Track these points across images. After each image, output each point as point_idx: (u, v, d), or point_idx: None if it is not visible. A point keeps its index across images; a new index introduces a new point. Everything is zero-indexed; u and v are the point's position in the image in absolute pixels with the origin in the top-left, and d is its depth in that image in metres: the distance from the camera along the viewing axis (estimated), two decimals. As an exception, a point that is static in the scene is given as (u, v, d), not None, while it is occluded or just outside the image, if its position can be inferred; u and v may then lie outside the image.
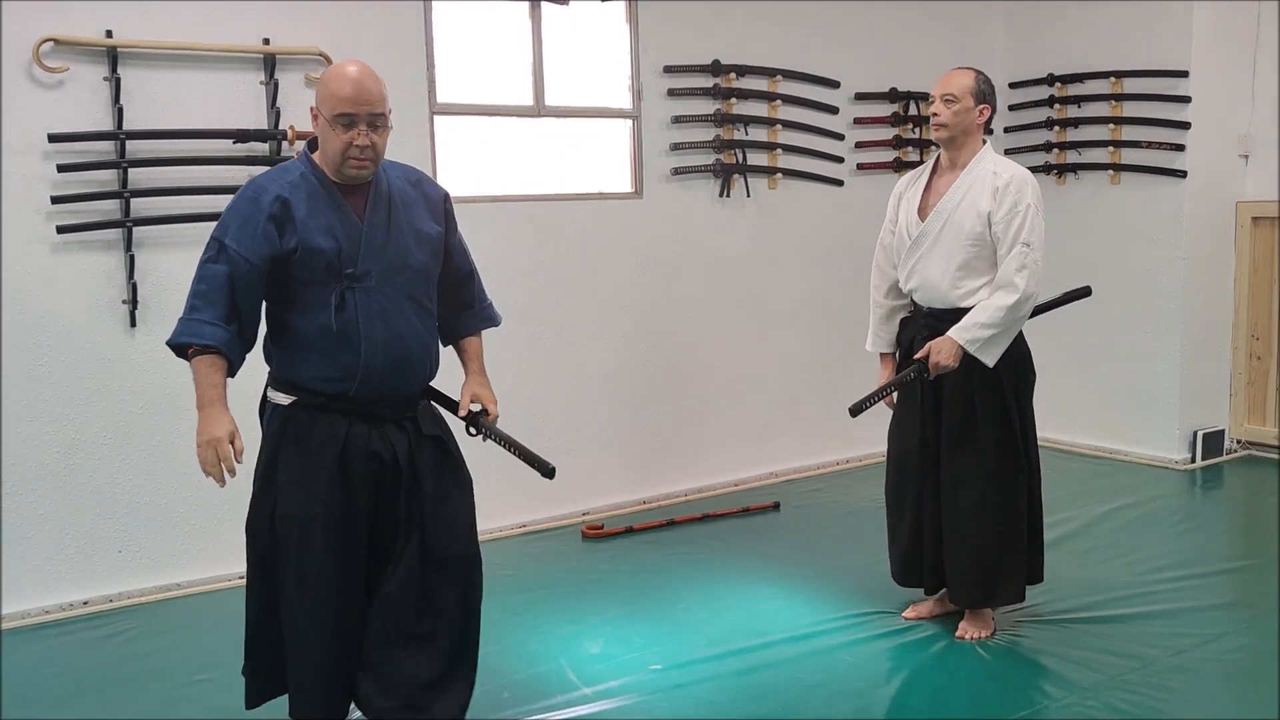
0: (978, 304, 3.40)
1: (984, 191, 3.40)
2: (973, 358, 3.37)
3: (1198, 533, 4.76)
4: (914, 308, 3.63)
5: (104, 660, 3.63)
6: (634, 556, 4.56)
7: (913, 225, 3.53)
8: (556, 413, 5.03)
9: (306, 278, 2.56)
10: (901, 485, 3.67)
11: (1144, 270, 5.81)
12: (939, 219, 3.46)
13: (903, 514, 3.67)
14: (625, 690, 3.30)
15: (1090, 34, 5.92)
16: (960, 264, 3.44)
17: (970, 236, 3.41)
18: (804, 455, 5.84)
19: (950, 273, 3.45)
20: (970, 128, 3.46)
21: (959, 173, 3.47)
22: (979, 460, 3.48)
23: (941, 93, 3.45)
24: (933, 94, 3.50)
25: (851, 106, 5.85)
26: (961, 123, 3.44)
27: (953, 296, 3.46)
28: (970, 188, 3.43)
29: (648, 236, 5.26)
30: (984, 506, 3.48)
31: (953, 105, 3.42)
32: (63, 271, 3.98)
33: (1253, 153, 5.81)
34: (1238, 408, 5.92)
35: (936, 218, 3.46)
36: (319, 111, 2.55)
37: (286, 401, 2.66)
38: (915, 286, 3.56)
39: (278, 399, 2.68)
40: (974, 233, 3.40)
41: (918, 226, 3.50)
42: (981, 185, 3.41)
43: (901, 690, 3.31)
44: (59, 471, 4.02)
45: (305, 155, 2.64)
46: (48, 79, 3.89)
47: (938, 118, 3.45)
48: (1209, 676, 3.31)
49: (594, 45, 5.14)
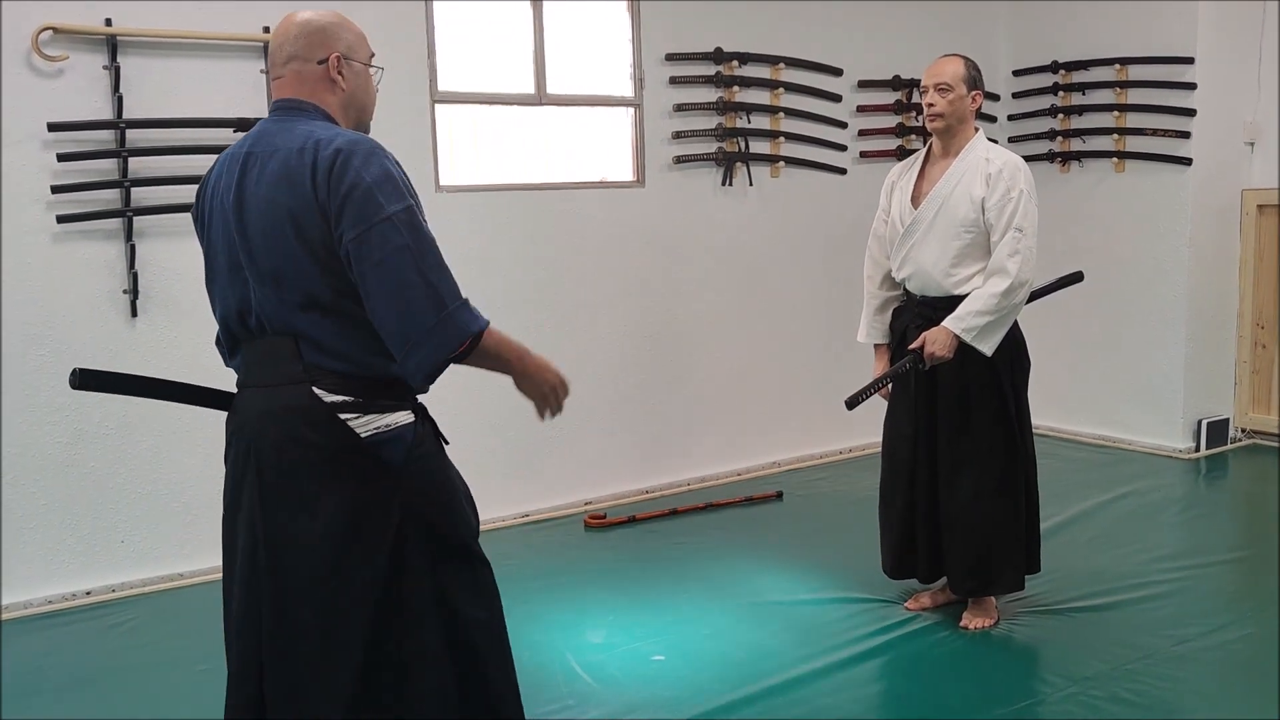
0: (971, 292, 3.39)
1: (977, 178, 3.39)
2: (967, 347, 3.36)
3: (1202, 522, 4.75)
4: (906, 296, 3.62)
5: (106, 650, 3.63)
6: (637, 546, 4.56)
7: (905, 213, 3.52)
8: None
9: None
10: (894, 475, 3.66)
11: (1149, 258, 5.78)
12: (932, 206, 3.45)
13: (894, 503, 3.66)
14: (628, 679, 3.30)
15: (1095, 21, 5.89)
16: (954, 251, 3.43)
17: (964, 223, 3.40)
18: (807, 444, 5.84)
19: (944, 260, 3.44)
20: (964, 115, 3.45)
21: (952, 160, 3.46)
22: (975, 448, 3.48)
23: (934, 82, 3.42)
24: (923, 83, 3.48)
25: (854, 94, 5.83)
26: (956, 110, 3.42)
27: (946, 284, 3.45)
28: (964, 175, 3.42)
29: (650, 225, 5.25)
30: (981, 494, 3.48)
31: (947, 94, 3.41)
32: (63, 261, 3.97)
33: (1258, 140, 5.78)
34: (1242, 396, 5.90)
35: (930, 205, 3.45)
36: (350, 59, 2.19)
37: (409, 418, 2.15)
38: (909, 275, 3.54)
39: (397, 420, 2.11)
40: (968, 219, 3.39)
41: (911, 214, 3.49)
42: (975, 172, 3.40)
43: (904, 679, 3.31)
44: (61, 462, 4.02)
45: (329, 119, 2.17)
46: (47, 68, 3.88)
47: (933, 107, 3.43)
48: (1212, 666, 3.30)
49: (596, 33, 5.12)
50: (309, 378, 2.05)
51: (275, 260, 2.03)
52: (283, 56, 2.19)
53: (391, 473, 2.08)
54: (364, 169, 1.98)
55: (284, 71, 2.18)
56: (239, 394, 2.21)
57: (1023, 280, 3.34)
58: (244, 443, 2.13)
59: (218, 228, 2.13)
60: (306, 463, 2.06)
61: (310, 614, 2.06)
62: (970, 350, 3.36)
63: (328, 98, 2.18)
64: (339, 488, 2.06)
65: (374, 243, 1.95)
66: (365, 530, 2.06)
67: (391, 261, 1.95)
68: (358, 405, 2.07)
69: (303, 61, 2.17)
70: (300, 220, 2.00)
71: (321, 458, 2.06)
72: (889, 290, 3.68)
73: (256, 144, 2.11)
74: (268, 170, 2.05)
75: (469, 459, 4.87)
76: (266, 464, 2.08)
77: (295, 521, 2.06)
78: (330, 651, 2.06)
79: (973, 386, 3.45)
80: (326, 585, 2.06)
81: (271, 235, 2.03)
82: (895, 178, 3.65)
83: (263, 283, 2.05)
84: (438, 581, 2.13)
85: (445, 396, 4.74)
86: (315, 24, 2.19)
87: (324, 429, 2.05)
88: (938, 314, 3.42)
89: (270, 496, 2.08)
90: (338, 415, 2.05)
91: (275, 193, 2.03)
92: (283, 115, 2.15)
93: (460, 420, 4.94)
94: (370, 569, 2.06)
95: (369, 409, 2.08)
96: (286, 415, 2.07)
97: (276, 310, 2.06)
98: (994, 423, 3.47)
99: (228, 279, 2.12)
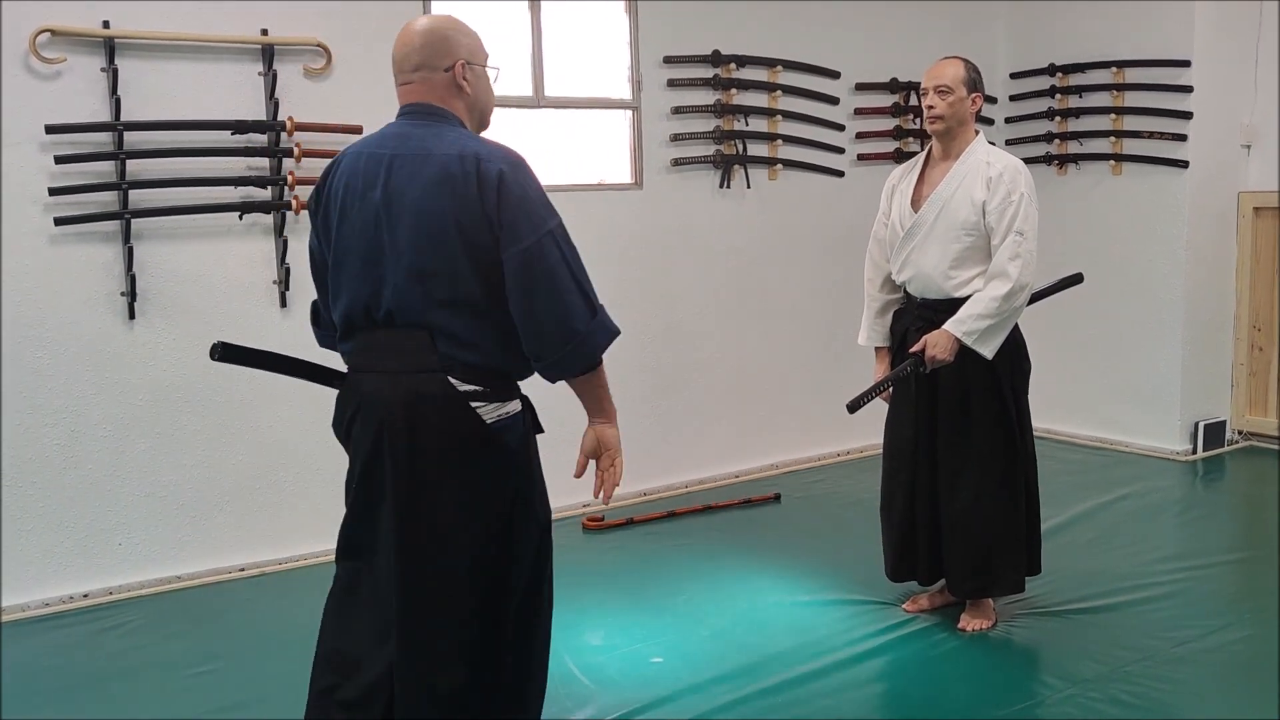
0: (972, 295, 3.39)
1: (978, 181, 3.39)
2: (968, 350, 3.36)
3: (1199, 524, 4.76)
4: (906, 299, 3.62)
5: (103, 653, 3.63)
6: (635, 548, 4.56)
7: (906, 216, 3.52)
8: (557, 404, 5.00)
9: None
10: (895, 477, 3.66)
11: (1145, 261, 5.79)
12: (933, 209, 3.45)
13: (895, 505, 3.67)
14: (627, 681, 3.30)
15: (1092, 23, 5.90)
16: (954, 254, 3.43)
17: (965, 226, 3.40)
18: (805, 446, 5.83)
19: (944, 263, 3.44)
20: (965, 117, 3.45)
21: (952, 163, 3.46)
22: (976, 451, 3.48)
23: (935, 84, 3.42)
24: (924, 85, 3.48)
25: (852, 97, 5.83)
26: (957, 113, 3.43)
27: (947, 287, 3.45)
28: (964, 177, 3.42)
29: (648, 227, 5.25)
30: (982, 496, 3.48)
31: (947, 96, 3.41)
32: (61, 264, 3.96)
33: (1255, 143, 5.79)
34: (1239, 398, 5.91)
35: (930, 208, 3.45)
36: (471, 62, 2.32)
37: (519, 407, 2.37)
38: (909, 277, 3.55)
39: (512, 408, 2.34)
40: (969, 222, 3.39)
41: (911, 217, 3.49)
42: (975, 175, 3.40)
43: (902, 681, 3.31)
44: (58, 464, 4.01)
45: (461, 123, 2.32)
46: (45, 70, 3.87)
47: (933, 110, 3.43)
48: (1211, 667, 3.31)
49: (594, 35, 5.13)
50: (443, 367, 2.22)
51: (428, 258, 2.19)
52: (410, 64, 2.31)
53: (508, 456, 2.29)
54: (527, 185, 2.22)
55: (413, 78, 2.31)
56: (357, 376, 2.34)
57: (1023, 284, 3.35)
58: (373, 424, 2.27)
59: (354, 223, 2.26)
60: (436, 448, 2.23)
61: (435, 586, 2.23)
62: (971, 353, 3.37)
63: (456, 103, 2.32)
64: (463, 472, 2.23)
65: (541, 253, 2.20)
66: (484, 511, 2.26)
67: (556, 271, 2.21)
68: (485, 394, 2.26)
69: (430, 69, 2.30)
70: (464, 225, 2.16)
71: (450, 444, 2.23)
72: (889, 293, 3.68)
73: (400, 146, 2.25)
74: (423, 175, 2.19)
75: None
76: (399, 445, 2.22)
77: (422, 499, 2.23)
78: (450, 622, 2.25)
79: (973, 389, 3.46)
80: (448, 559, 2.23)
81: (429, 235, 2.18)
82: (896, 180, 3.65)
83: (408, 278, 2.20)
84: (538, 563, 2.38)
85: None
86: (439, 32, 2.32)
87: (456, 415, 2.23)
88: (938, 316, 3.42)
89: (401, 475, 2.22)
90: (469, 403, 2.23)
91: (436, 198, 2.18)
92: (419, 120, 2.29)
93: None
94: (488, 546, 2.26)
95: (493, 398, 2.27)
96: (420, 401, 2.22)
97: (415, 304, 2.21)
98: (994, 425, 3.47)
99: (360, 272, 2.26)
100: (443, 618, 2.24)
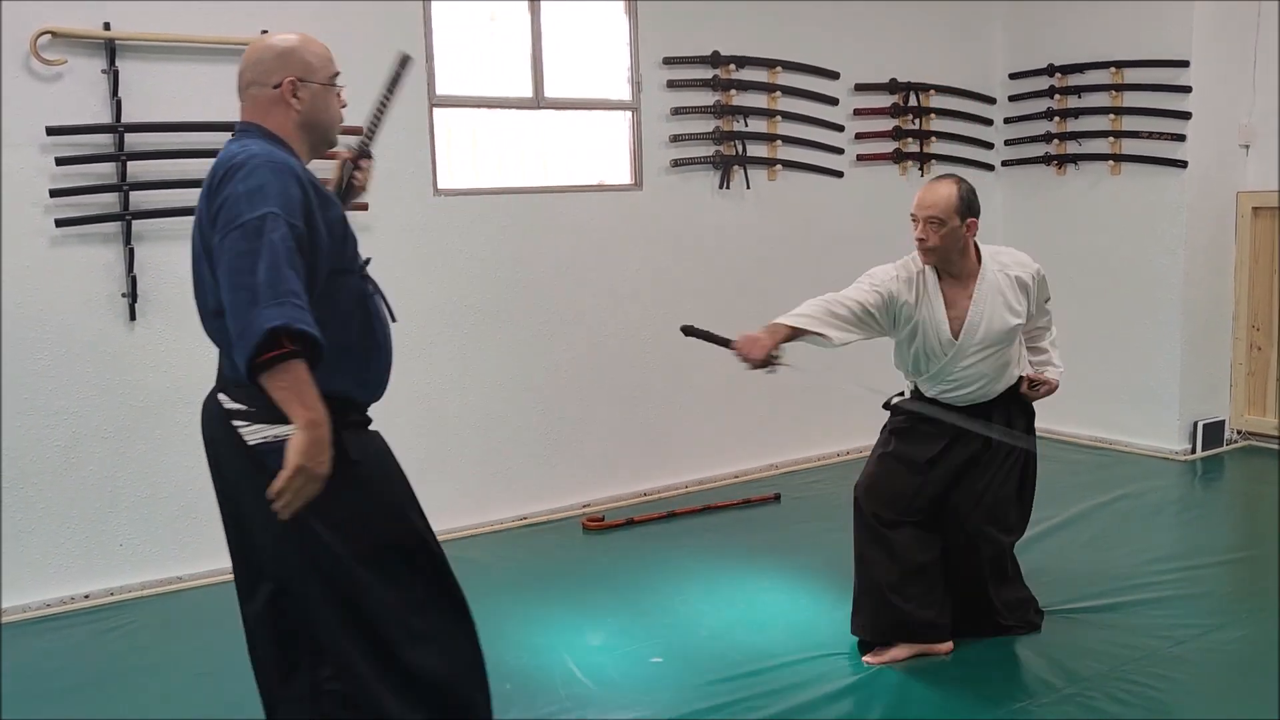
0: (1041, 357, 3.59)
1: (1009, 291, 3.37)
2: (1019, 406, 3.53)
3: (1198, 523, 4.77)
4: (930, 402, 3.48)
5: (104, 655, 3.63)
6: (635, 548, 4.57)
7: (946, 343, 3.37)
8: (556, 404, 5.03)
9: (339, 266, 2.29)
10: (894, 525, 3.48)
11: (1144, 261, 5.80)
12: (974, 332, 3.35)
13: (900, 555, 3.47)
14: (626, 681, 3.30)
15: (1091, 24, 5.91)
16: (1007, 356, 3.43)
17: (1010, 332, 3.39)
18: (805, 447, 5.84)
19: (1003, 368, 3.43)
20: (961, 245, 3.30)
21: (969, 283, 3.36)
22: (1007, 516, 3.51)
23: (925, 215, 3.24)
24: (914, 211, 3.28)
25: (851, 98, 5.84)
26: (950, 244, 3.27)
27: (1001, 384, 3.46)
28: (989, 295, 3.35)
29: (647, 228, 5.26)
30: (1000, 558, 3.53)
31: (940, 229, 3.23)
32: (61, 265, 3.97)
33: (1253, 143, 5.80)
34: (1238, 398, 5.92)
35: (971, 331, 3.35)
36: (306, 80, 2.28)
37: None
38: (964, 392, 3.43)
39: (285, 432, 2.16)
40: (1013, 326, 3.38)
41: (953, 345, 3.36)
42: (1001, 289, 3.36)
43: (901, 681, 3.31)
44: (59, 465, 4.02)
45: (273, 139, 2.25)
46: (46, 71, 3.88)
47: (925, 242, 3.26)
48: (1209, 667, 3.31)
49: (593, 37, 5.13)
50: (220, 385, 2.25)
51: (198, 269, 2.21)
52: (243, 82, 2.33)
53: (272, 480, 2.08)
54: (245, 180, 2.08)
55: (244, 96, 2.33)
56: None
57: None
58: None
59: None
60: (224, 460, 2.26)
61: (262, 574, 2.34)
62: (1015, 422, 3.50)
63: (281, 120, 2.29)
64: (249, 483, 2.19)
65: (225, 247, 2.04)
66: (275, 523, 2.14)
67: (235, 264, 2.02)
68: (248, 414, 2.18)
69: (260, 86, 2.30)
70: (203, 231, 2.16)
71: (229, 458, 2.24)
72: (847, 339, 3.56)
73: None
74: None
75: (467, 461, 4.88)
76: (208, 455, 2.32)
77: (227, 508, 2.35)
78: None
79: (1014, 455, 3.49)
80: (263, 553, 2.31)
81: (195, 246, 2.21)
82: (909, 297, 3.37)
83: (195, 293, 2.27)
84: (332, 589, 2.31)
85: (445, 397, 4.76)
86: (274, 49, 2.30)
87: (220, 434, 2.23)
88: (994, 411, 3.45)
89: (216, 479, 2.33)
90: (230, 421, 2.20)
91: (198, 209, 2.20)
92: (234, 138, 2.29)
93: (459, 422, 4.96)
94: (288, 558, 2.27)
95: (258, 418, 2.16)
96: (206, 417, 2.28)
97: (204, 318, 2.24)
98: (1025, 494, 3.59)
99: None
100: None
